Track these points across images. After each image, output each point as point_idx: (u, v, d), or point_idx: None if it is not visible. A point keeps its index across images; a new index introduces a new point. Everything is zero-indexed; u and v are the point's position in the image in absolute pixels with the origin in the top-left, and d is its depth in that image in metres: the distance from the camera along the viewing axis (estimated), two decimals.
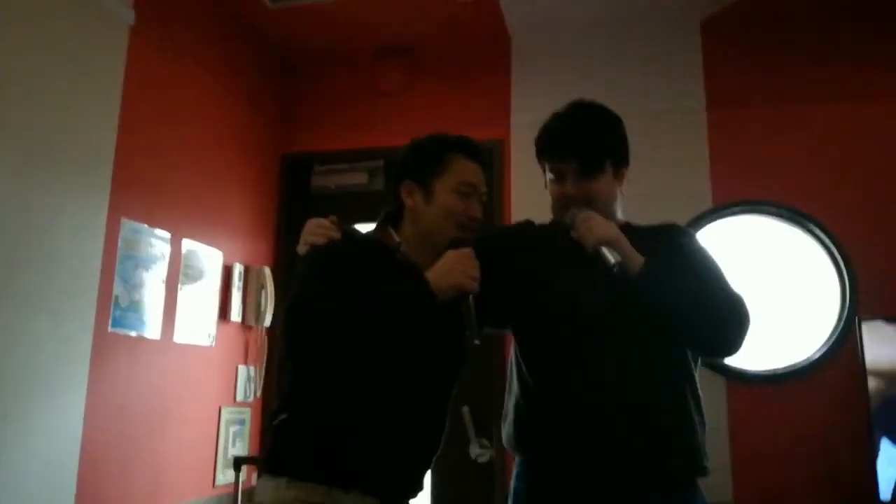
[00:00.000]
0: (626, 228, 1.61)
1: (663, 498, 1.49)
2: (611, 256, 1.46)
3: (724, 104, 3.15)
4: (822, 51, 3.11)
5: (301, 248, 1.59)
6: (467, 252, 1.47)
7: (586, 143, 1.58)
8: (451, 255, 1.46)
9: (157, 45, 2.76)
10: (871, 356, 2.61)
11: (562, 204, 1.59)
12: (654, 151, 3.18)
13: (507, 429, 1.64)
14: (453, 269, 1.43)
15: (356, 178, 3.53)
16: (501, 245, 1.70)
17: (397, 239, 1.59)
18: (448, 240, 1.54)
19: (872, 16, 3.05)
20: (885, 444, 2.54)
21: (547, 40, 3.38)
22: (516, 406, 1.62)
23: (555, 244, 1.63)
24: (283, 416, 1.50)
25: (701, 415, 1.57)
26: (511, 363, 1.69)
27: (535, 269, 1.64)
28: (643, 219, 3.04)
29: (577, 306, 1.55)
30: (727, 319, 1.50)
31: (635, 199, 3.07)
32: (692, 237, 1.69)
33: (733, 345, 1.52)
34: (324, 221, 1.61)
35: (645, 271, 1.46)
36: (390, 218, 1.64)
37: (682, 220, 3.05)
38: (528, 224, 1.79)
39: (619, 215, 1.69)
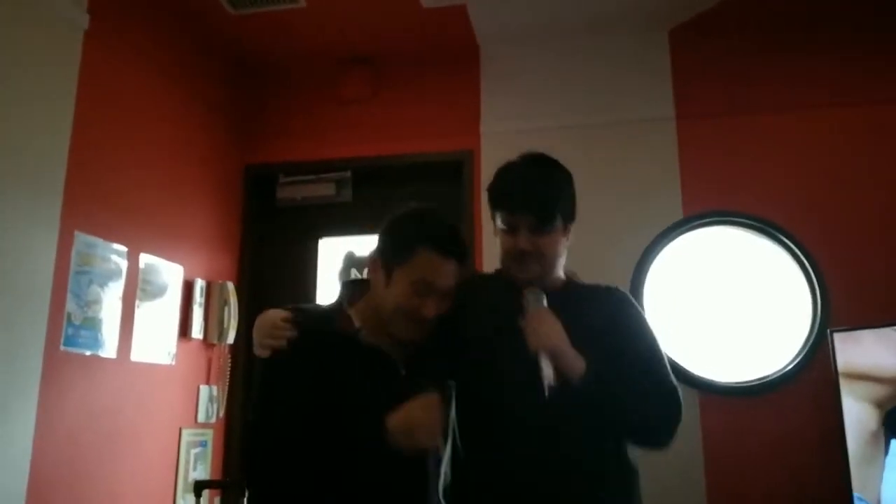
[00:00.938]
0: (568, 286, 1.66)
1: None
2: (547, 372, 1.46)
3: (694, 114, 3.15)
4: (793, 59, 3.12)
5: (258, 352, 1.54)
6: (433, 403, 1.41)
7: (542, 199, 1.60)
8: (415, 409, 1.39)
9: (114, 50, 2.66)
10: (843, 367, 2.60)
11: (513, 256, 1.61)
12: (623, 162, 3.17)
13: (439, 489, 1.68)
14: (416, 429, 1.38)
15: (323, 190, 3.45)
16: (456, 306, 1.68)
17: (357, 324, 1.54)
18: (398, 333, 1.51)
19: (845, 23, 3.07)
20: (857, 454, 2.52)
21: (516, 50, 3.36)
22: (450, 468, 1.64)
23: (498, 304, 1.64)
24: None
25: (635, 486, 1.61)
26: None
27: (475, 329, 1.63)
28: (614, 230, 3.04)
29: (508, 376, 1.56)
30: (662, 418, 1.54)
31: (605, 210, 3.09)
32: (636, 310, 1.68)
33: (664, 440, 1.56)
34: (278, 321, 1.52)
35: (583, 384, 1.48)
36: (347, 293, 1.61)
37: (653, 232, 3.05)
38: (479, 278, 1.81)
39: (561, 272, 1.71)
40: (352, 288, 1.63)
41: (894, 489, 2.44)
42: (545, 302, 1.55)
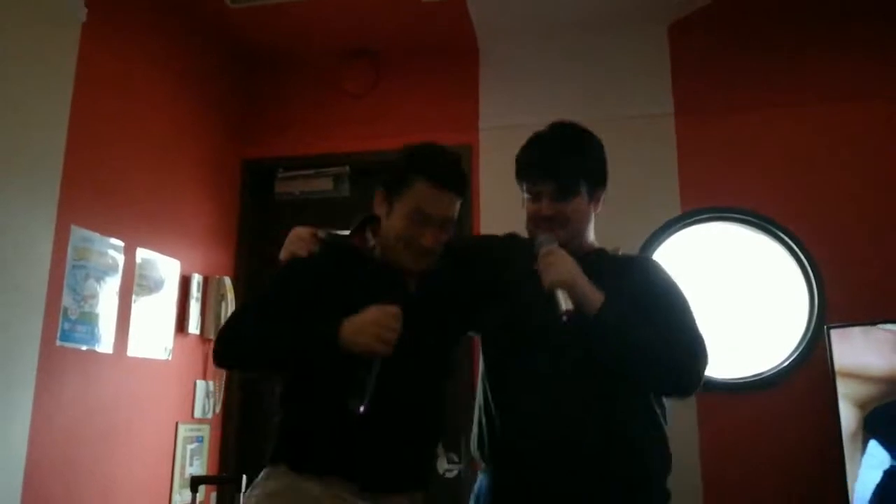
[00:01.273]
0: (599, 254, 1.67)
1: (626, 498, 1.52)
2: (562, 303, 1.46)
3: (693, 110, 3.14)
4: (792, 55, 3.12)
5: (282, 255, 1.66)
6: (391, 312, 1.45)
7: (563, 165, 1.61)
8: (372, 313, 1.45)
9: (112, 43, 2.64)
10: (840, 363, 2.60)
11: (536, 223, 1.63)
12: (621, 158, 3.11)
13: (473, 440, 1.68)
14: (370, 331, 1.43)
15: (321, 185, 3.44)
16: (480, 255, 1.74)
17: (371, 242, 1.63)
18: (403, 263, 1.57)
19: (842, 19, 3.07)
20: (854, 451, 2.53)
21: (515, 45, 3.35)
22: (479, 418, 1.66)
23: (530, 260, 1.62)
24: (278, 416, 1.59)
25: (663, 441, 1.59)
26: (481, 375, 1.71)
27: (507, 282, 1.67)
28: (612, 226, 3.03)
29: (540, 327, 1.57)
30: (681, 365, 1.52)
31: (603, 205, 3.07)
32: (665, 273, 1.68)
33: (687, 388, 1.54)
34: (307, 233, 1.67)
35: (600, 315, 1.48)
36: (369, 220, 1.69)
37: (650, 228, 3.05)
38: (511, 237, 1.82)
39: (592, 238, 1.72)
40: (370, 221, 1.70)
41: (867, 490, 2.45)
42: (557, 244, 1.56)
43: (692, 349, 1.53)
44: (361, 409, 1.43)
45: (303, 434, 1.53)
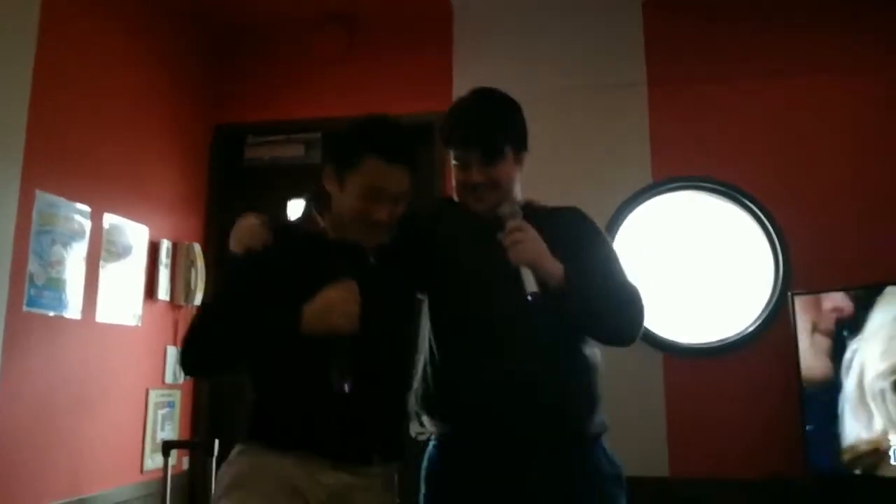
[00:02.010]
0: (527, 208, 1.70)
1: (561, 459, 1.58)
2: (529, 284, 1.50)
3: (666, 80, 3.16)
4: (764, 27, 3.13)
5: (233, 246, 1.61)
6: (349, 288, 1.45)
7: (488, 130, 1.64)
8: (332, 293, 1.45)
9: (77, 5, 2.57)
10: (802, 330, 2.67)
11: (465, 189, 1.66)
12: (594, 127, 3.18)
13: (416, 396, 1.71)
14: (331, 310, 1.43)
15: (292, 151, 3.41)
16: (423, 225, 1.75)
17: (321, 224, 1.61)
18: (359, 238, 1.56)
19: None
20: (815, 415, 2.61)
21: (489, 12, 3.32)
22: (423, 372, 1.70)
23: (469, 225, 1.70)
24: (250, 394, 1.58)
25: (594, 383, 1.67)
26: (424, 333, 1.75)
27: (453, 244, 1.70)
28: (584, 194, 3.06)
29: (485, 282, 1.63)
30: (631, 317, 1.62)
31: (575, 173, 3.10)
32: (594, 225, 1.76)
33: (634, 337, 1.65)
34: (257, 223, 1.61)
35: (563, 288, 1.54)
36: (316, 199, 1.66)
37: (621, 196, 3.08)
38: (448, 202, 1.84)
39: (519, 195, 1.75)
40: (317, 199, 1.66)
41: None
42: (521, 215, 1.59)
43: (639, 303, 1.62)
44: (346, 388, 1.43)
45: (274, 411, 1.53)
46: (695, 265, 3.07)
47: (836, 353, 2.61)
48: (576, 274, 1.55)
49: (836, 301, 2.64)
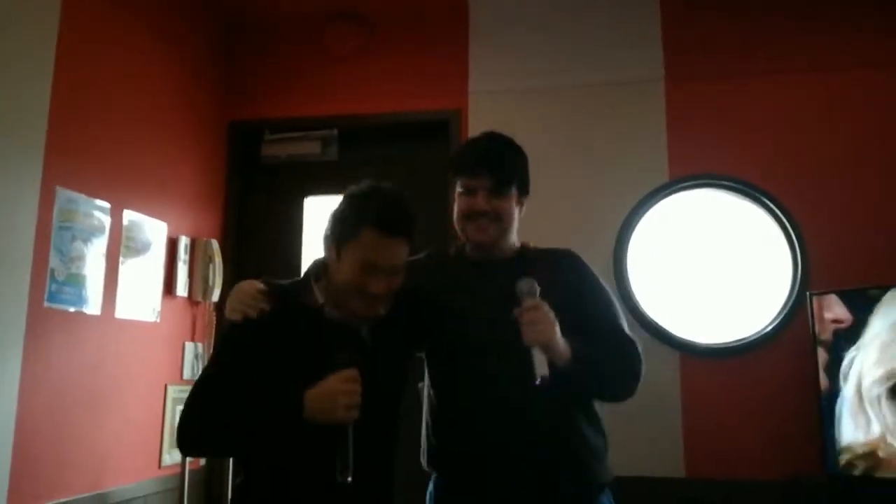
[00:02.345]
0: (522, 252, 1.79)
1: None
2: (540, 367, 1.53)
3: (683, 76, 3.13)
4: (784, 22, 3.10)
5: (230, 315, 1.60)
6: (349, 377, 1.45)
7: (498, 162, 1.72)
8: (332, 384, 1.44)
9: (95, 4, 2.59)
10: (822, 330, 2.65)
11: (469, 217, 1.72)
12: (610, 124, 3.17)
13: (423, 456, 1.79)
14: (333, 401, 1.43)
15: (308, 148, 3.42)
16: (425, 295, 1.77)
17: (320, 300, 1.60)
18: (354, 309, 1.56)
19: None
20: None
21: (505, 9, 3.31)
22: (427, 433, 1.77)
23: (466, 275, 1.79)
24: (238, 479, 1.60)
25: (600, 431, 1.75)
26: (426, 388, 1.82)
27: (450, 301, 1.74)
28: (600, 192, 3.05)
29: (480, 339, 1.68)
30: (630, 379, 1.70)
31: (591, 171, 3.09)
32: (589, 269, 1.82)
33: (631, 395, 1.73)
34: (255, 291, 1.59)
35: (569, 368, 1.58)
36: (314, 269, 1.66)
37: (637, 195, 3.06)
38: (437, 255, 1.90)
39: (514, 239, 1.82)
40: (319, 265, 1.67)
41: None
42: (538, 292, 1.60)
43: (637, 362, 1.69)
44: (349, 479, 1.44)
45: (264, 499, 1.54)
46: (712, 264, 3.05)
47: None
48: (581, 350, 1.59)
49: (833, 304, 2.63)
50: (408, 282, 1.61)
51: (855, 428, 2.53)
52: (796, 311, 2.86)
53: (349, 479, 1.43)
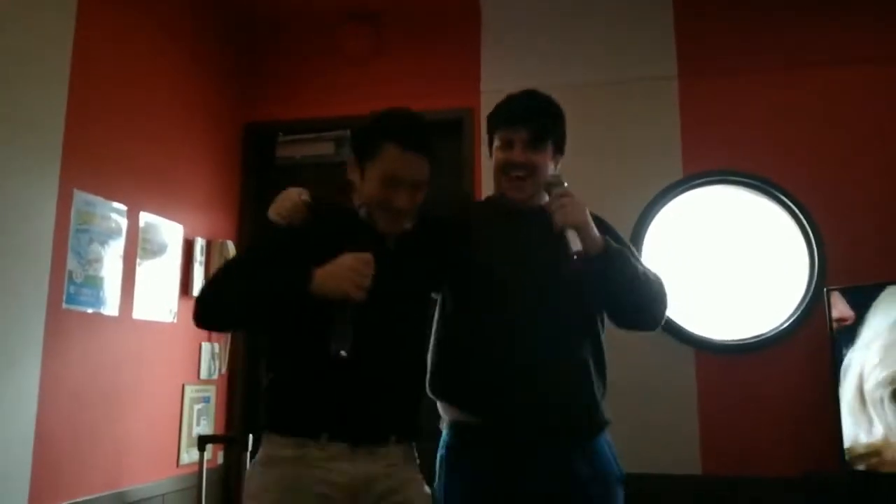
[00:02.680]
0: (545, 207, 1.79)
1: (564, 449, 1.64)
2: (574, 243, 1.54)
3: (696, 73, 3.12)
4: (797, 17, 3.08)
5: (271, 214, 1.66)
6: (363, 257, 1.48)
7: (537, 116, 1.72)
8: (346, 260, 1.48)
9: (112, 6, 2.62)
10: (838, 325, 2.63)
11: (505, 170, 1.72)
12: (624, 121, 3.16)
13: (428, 377, 1.76)
14: (343, 276, 1.46)
15: (322, 149, 3.44)
16: (450, 230, 1.79)
17: (357, 203, 1.65)
18: (380, 225, 1.60)
19: None
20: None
21: (517, 8, 3.31)
22: (438, 360, 1.75)
23: (496, 219, 1.79)
24: (265, 382, 1.62)
25: (603, 376, 1.73)
26: (440, 320, 1.80)
27: (477, 237, 1.77)
28: (615, 189, 3.04)
29: (504, 275, 1.70)
30: (660, 300, 1.69)
31: (605, 168, 3.08)
32: (606, 225, 1.81)
33: (660, 322, 1.72)
34: (298, 200, 1.64)
35: (602, 255, 1.59)
36: (350, 184, 1.70)
37: (652, 191, 3.06)
38: (466, 199, 1.98)
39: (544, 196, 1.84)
40: (343, 189, 1.72)
41: None
42: (566, 184, 1.64)
43: (664, 288, 1.69)
44: (343, 353, 1.45)
45: (287, 396, 1.57)
46: (728, 261, 3.03)
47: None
48: (614, 246, 1.62)
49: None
50: (440, 221, 1.67)
51: (856, 427, 2.53)
52: (813, 307, 2.84)
53: (343, 353, 1.45)
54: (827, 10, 3.05)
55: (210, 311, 1.58)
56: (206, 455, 2.75)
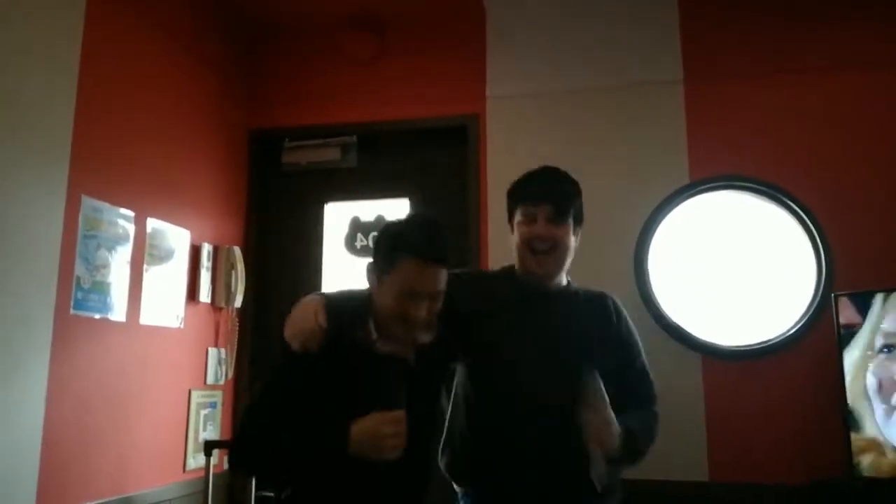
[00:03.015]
0: (565, 292, 1.89)
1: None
2: (597, 467, 1.64)
3: (702, 77, 3.11)
4: (803, 22, 3.07)
5: (288, 339, 1.62)
6: (395, 418, 1.50)
7: (558, 190, 1.82)
8: (383, 427, 1.49)
9: (118, 11, 2.64)
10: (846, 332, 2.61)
11: (529, 244, 1.79)
12: (630, 126, 3.15)
13: (446, 459, 1.86)
14: (381, 443, 1.48)
15: (328, 155, 3.45)
16: (470, 317, 1.84)
17: (374, 335, 1.64)
18: (398, 335, 1.62)
19: None
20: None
21: (522, 12, 3.31)
22: (461, 436, 1.84)
23: (512, 294, 1.87)
24: (286, 493, 1.69)
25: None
26: (457, 397, 1.89)
27: (492, 317, 1.83)
28: (621, 194, 3.03)
29: (524, 357, 1.78)
30: (652, 443, 1.85)
31: (611, 174, 3.07)
32: (622, 313, 1.93)
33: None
34: (315, 324, 1.59)
35: (618, 458, 1.69)
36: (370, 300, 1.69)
37: (658, 197, 3.04)
38: (479, 273, 2.08)
39: (565, 276, 1.91)
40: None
41: None
42: (601, 384, 1.67)
43: (658, 424, 1.87)
44: None
45: None
46: (735, 266, 3.02)
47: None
48: (625, 436, 1.68)
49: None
50: (450, 294, 1.65)
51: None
52: (821, 313, 2.83)
53: None
54: (836, 13, 3.03)
55: (249, 465, 1.69)
56: (213, 460, 2.75)
